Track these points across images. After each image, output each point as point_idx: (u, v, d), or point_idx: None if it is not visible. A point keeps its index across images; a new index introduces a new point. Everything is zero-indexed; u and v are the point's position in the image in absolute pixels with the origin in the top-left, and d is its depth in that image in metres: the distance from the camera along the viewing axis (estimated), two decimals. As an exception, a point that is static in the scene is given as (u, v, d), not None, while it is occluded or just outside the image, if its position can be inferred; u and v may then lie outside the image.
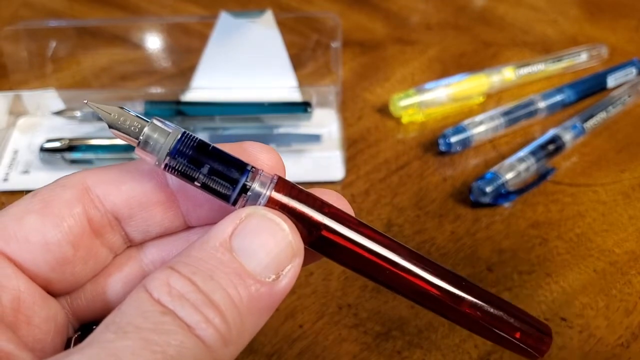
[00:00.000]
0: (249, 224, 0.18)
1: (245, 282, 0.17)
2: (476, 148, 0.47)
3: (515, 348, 0.21)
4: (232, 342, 0.16)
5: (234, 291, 0.17)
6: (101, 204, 0.20)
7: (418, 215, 0.42)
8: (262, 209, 0.18)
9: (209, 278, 0.16)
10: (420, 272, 0.20)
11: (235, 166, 0.19)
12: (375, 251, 0.19)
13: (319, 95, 0.49)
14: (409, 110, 0.49)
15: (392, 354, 0.34)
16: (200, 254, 0.17)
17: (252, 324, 0.17)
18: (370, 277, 0.20)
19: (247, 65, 0.50)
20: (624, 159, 0.47)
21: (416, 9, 0.64)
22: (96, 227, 0.20)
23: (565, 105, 0.51)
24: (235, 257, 0.17)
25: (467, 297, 0.20)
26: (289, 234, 0.18)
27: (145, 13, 0.62)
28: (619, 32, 0.61)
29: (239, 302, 0.17)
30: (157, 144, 0.18)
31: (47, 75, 0.53)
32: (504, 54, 0.58)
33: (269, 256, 0.18)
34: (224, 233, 0.18)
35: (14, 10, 0.62)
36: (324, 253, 0.20)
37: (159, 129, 0.19)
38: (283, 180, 0.19)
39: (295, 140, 0.46)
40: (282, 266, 0.18)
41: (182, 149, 0.18)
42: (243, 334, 0.17)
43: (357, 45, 0.58)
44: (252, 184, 0.19)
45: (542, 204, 0.43)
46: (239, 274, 0.17)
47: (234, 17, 0.50)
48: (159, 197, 0.20)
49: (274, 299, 0.18)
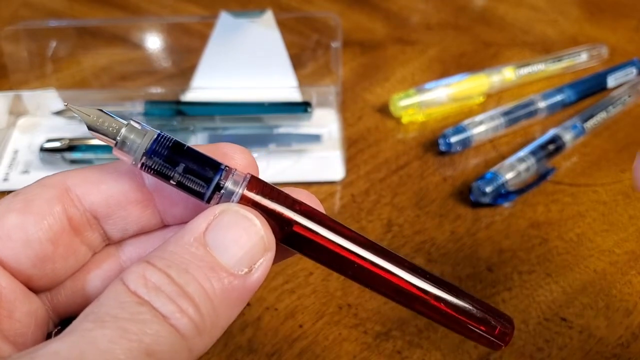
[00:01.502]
0: (222, 219, 0.19)
1: (219, 275, 0.18)
2: (476, 148, 0.47)
3: (480, 339, 0.21)
4: (206, 331, 0.17)
5: (208, 284, 0.17)
6: (80, 203, 0.21)
7: (418, 215, 0.42)
8: (235, 206, 0.19)
9: (183, 271, 0.17)
10: (387, 265, 0.21)
11: (209, 165, 0.20)
12: (343, 246, 0.20)
13: (319, 95, 0.49)
14: (409, 110, 0.49)
15: (392, 354, 0.34)
16: (176, 249, 0.18)
17: (226, 315, 0.18)
18: (340, 271, 0.21)
19: (247, 65, 0.50)
20: (624, 159, 0.47)
21: (416, 9, 0.64)
22: (76, 225, 0.21)
23: (565, 105, 0.51)
24: (209, 252, 0.18)
25: (433, 289, 0.21)
26: (260, 229, 0.19)
27: (145, 13, 0.62)
28: (619, 32, 0.61)
29: (213, 294, 0.17)
30: (134, 144, 0.19)
31: (47, 75, 0.53)
32: (504, 54, 0.58)
33: (242, 250, 0.18)
34: (198, 229, 0.18)
35: (14, 10, 0.62)
36: (296, 248, 0.21)
37: (135, 129, 0.19)
38: (255, 178, 0.20)
39: (295, 140, 0.46)
40: (255, 260, 0.19)
41: (158, 148, 0.19)
42: (217, 325, 0.18)
43: (357, 45, 0.58)
44: (226, 182, 0.20)
45: (542, 204, 0.43)
46: (212, 268, 0.18)
47: (234, 17, 0.50)
48: (136, 196, 0.21)
49: (247, 292, 0.18)
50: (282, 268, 0.38)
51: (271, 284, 0.37)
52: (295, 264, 0.38)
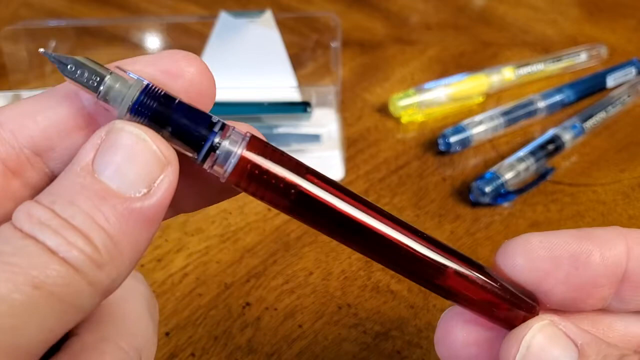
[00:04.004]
0: (108, 141, 0.17)
1: (111, 202, 0.16)
2: (476, 148, 0.47)
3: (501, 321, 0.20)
4: (107, 264, 0.16)
5: (98, 213, 0.16)
6: (16, 140, 0.19)
7: (417, 215, 0.42)
8: (119, 123, 0.17)
9: (68, 204, 0.16)
10: (402, 236, 0.19)
11: (203, 121, 0.18)
12: (352, 213, 0.19)
13: (318, 95, 0.49)
14: (409, 110, 0.49)
15: (392, 353, 0.34)
16: (64, 182, 0.17)
17: (131, 243, 0.17)
18: (348, 241, 0.19)
19: (247, 65, 0.50)
20: (623, 158, 0.47)
21: (416, 9, 0.64)
22: (12, 166, 0.19)
23: (564, 105, 0.51)
24: (97, 179, 0.17)
25: (456, 265, 0.19)
26: (151, 143, 0.17)
27: (145, 13, 0.62)
28: (618, 32, 0.61)
29: (105, 224, 0.16)
30: (119, 95, 0.17)
31: (46, 75, 0.53)
32: (504, 54, 0.58)
33: (133, 170, 0.17)
34: (86, 157, 0.17)
35: (14, 10, 0.62)
36: (302, 217, 0.19)
37: (120, 79, 0.18)
38: (256, 138, 0.19)
39: (295, 140, 0.46)
40: (152, 178, 0.17)
41: (146, 100, 0.17)
42: (121, 255, 0.16)
43: (356, 45, 0.58)
44: (222, 142, 0.18)
45: (542, 203, 0.43)
46: (101, 196, 0.16)
47: (233, 17, 0.50)
48: (78, 122, 0.19)
49: (150, 213, 0.17)
50: (282, 268, 0.38)
51: (271, 284, 0.37)
52: (295, 263, 0.38)
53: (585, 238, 0.20)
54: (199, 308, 0.36)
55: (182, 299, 0.36)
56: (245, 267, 0.38)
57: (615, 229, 0.21)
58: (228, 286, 0.37)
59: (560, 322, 0.19)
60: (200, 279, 0.38)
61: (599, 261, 0.20)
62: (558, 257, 0.20)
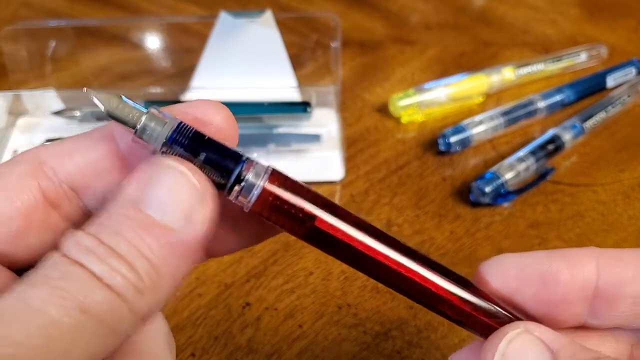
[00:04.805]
0: (150, 175, 0.18)
1: (153, 233, 0.17)
2: (476, 148, 0.47)
3: None
4: (148, 290, 0.17)
5: (141, 243, 0.17)
6: (55, 176, 0.20)
7: (417, 215, 0.42)
8: (159, 158, 0.19)
9: (113, 233, 0.17)
10: (412, 265, 0.21)
11: (230, 156, 0.19)
12: (366, 243, 0.20)
13: (318, 95, 0.49)
14: (409, 110, 0.49)
15: (392, 353, 0.34)
16: (109, 213, 0.18)
17: (170, 272, 0.18)
18: (361, 269, 0.21)
19: (247, 65, 0.50)
20: (623, 158, 0.47)
21: (416, 9, 0.64)
22: (52, 199, 0.20)
23: (564, 105, 0.51)
24: (140, 210, 0.18)
25: (458, 290, 0.21)
26: (191, 177, 0.18)
27: (145, 13, 0.62)
28: (618, 32, 0.61)
29: (148, 253, 0.17)
30: (154, 132, 0.19)
31: (46, 75, 0.53)
32: (504, 53, 0.58)
33: (174, 202, 0.18)
34: (128, 188, 0.18)
35: (14, 10, 0.62)
36: (319, 245, 0.20)
37: (155, 118, 0.19)
38: (276, 171, 0.20)
39: (294, 140, 0.46)
40: (191, 210, 0.18)
41: (179, 138, 0.19)
42: (161, 283, 0.17)
43: (356, 45, 0.58)
44: (247, 174, 0.19)
45: (542, 203, 0.43)
46: (145, 227, 0.17)
47: (233, 17, 0.50)
48: (114, 163, 0.20)
49: (189, 244, 0.18)
50: (282, 268, 0.38)
51: (271, 284, 0.37)
52: (295, 263, 0.38)
53: (557, 257, 0.21)
54: (198, 308, 0.36)
55: (182, 299, 0.36)
56: (245, 267, 0.38)
57: (589, 249, 0.22)
58: (228, 286, 0.37)
59: (535, 329, 0.20)
60: (200, 278, 0.38)
61: (567, 279, 0.21)
62: (528, 275, 0.21)
